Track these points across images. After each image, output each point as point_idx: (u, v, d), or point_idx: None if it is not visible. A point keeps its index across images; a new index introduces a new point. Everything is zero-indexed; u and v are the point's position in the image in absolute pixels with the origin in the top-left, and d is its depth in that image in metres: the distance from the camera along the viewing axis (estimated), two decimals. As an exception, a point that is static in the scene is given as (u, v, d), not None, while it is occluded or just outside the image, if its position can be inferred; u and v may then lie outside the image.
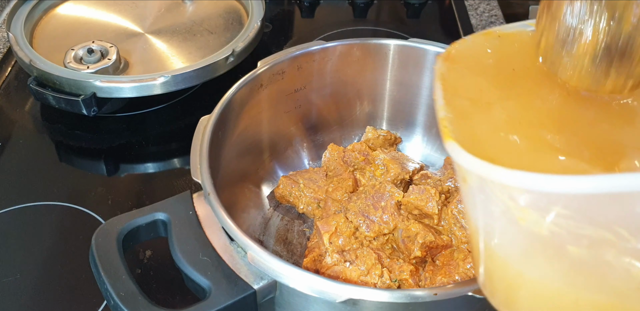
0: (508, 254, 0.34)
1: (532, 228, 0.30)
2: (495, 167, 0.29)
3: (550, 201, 0.29)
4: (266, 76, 0.62)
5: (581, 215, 0.29)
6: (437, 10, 1.06)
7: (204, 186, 0.50)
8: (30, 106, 0.83)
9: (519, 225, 0.31)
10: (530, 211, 0.30)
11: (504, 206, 0.31)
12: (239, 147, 0.62)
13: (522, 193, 0.30)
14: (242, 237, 0.46)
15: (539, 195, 0.29)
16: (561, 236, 0.30)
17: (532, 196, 0.29)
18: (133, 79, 0.74)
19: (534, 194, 0.29)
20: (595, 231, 0.29)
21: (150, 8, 0.90)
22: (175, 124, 0.81)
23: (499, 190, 0.31)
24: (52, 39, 0.84)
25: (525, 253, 0.33)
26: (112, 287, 0.45)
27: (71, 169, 0.75)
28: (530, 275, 0.34)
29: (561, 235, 0.30)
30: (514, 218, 0.31)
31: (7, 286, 0.60)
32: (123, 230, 0.50)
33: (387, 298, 0.43)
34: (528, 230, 0.31)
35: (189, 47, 0.83)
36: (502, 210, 0.31)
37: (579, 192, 0.27)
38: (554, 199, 0.29)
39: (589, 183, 0.27)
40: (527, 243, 0.32)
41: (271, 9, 1.03)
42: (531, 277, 0.34)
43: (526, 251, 0.33)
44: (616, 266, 0.31)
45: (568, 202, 0.29)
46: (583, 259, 0.31)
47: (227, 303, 0.45)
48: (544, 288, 0.34)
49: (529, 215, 0.30)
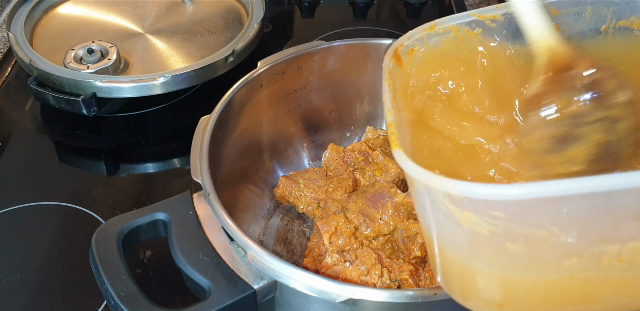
0: (457, 251, 0.37)
1: (473, 228, 0.33)
2: (437, 177, 0.32)
3: (486, 206, 0.32)
4: (266, 76, 0.62)
5: (515, 217, 0.32)
6: (437, 10, 1.06)
7: (204, 186, 0.50)
8: (30, 106, 0.83)
9: (461, 226, 0.34)
10: (470, 214, 0.33)
11: (447, 210, 0.34)
12: (239, 147, 0.62)
13: (461, 199, 0.32)
14: (242, 237, 0.46)
15: (477, 201, 0.32)
16: (499, 235, 0.33)
17: (470, 202, 0.32)
18: (133, 79, 0.74)
19: (471, 200, 0.32)
20: (529, 230, 0.33)
21: (150, 8, 0.89)
22: (175, 124, 0.81)
23: (441, 196, 0.33)
24: (52, 39, 0.84)
25: (470, 250, 0.36)
26: (112, 287, 0.45)
27: (71, 169, 0.75)
28: (478, 268, 0.37)
29: (499, 234, 0.33)
30: (457, 220, 0.34)
31: (7, 286, 0.60)
32: (123, 230, 0.50)
33: (387, 298, 0.43)
34: (470, 230, 0.34)
35: (189, 47, 0.83)
36: (446, 213, 0.34)
37: (511, 198, 0.31)
38: (489, 205, 0.32)
39: (518, 190, 0.30)
40: (471, 241, 0.35)
41: (271, 9, 1.03)
42: (478, 270, 0.37)
43: (471, 248, 0.36)
44: (550, 258, 0.34)
45: (502, 206, 0.32)
46: (520, 253, 0.34)
47: (227, 303, 0.45)
48: (491, 278, 0.37)
49: (469, 218, 0.33)
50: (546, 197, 0.31)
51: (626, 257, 0.34)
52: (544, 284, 0.36)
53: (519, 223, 0.33)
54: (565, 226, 0.33)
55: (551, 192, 0.30)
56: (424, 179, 0.33)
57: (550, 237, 0.33)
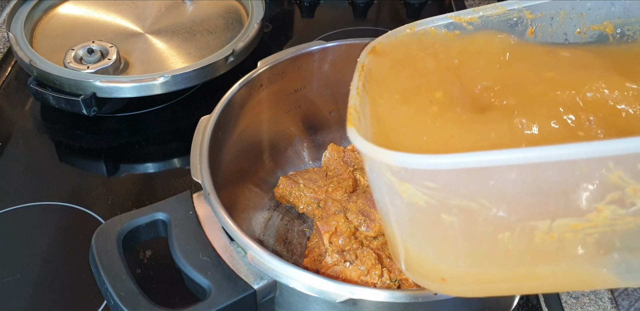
0: (399, 223, 0.39)
1: (411, 199, 0.35)
2: (377, 148, 0.34)
3: (420, 176, 0.34)
4: (266, 76, 0.62)
5: (447, 187, 0.34)
6: (437, 10, 1.06)
7: (204, 186, 0.50)
8: (30, 106, 0.83)
9: (402, 198, 0.36)
10: (408, 184, 0.35)
11: (388, 181, 0.35)
12: (239, 147, 0.62)
13: (399, 169, 0.34)
14: (242, 237, 0.46)
15: (411, 171, 0.34)
16: (435, 206, 0.35)
17: (406, 172, 0.34)
18: (133, 79, 0.74)
19: (407, 170, 0.34)
20: (461, 202, 0.34)
21: (150, 8, 0.90)
22: (175, 124, 0.81)
23: (384, 168, 0.35)
24: (52, 39, 0.84)
25: (410, 221, 0.38)
26: (112, 287, 0.45)
27: (71, 169, 0.75)
28: (419, 241, 0.39)
29: (435, 205, 0.35)
30: (397, 191, 0.35)
31: (7, 286, 0.60)
32: (123, 230, 0.50)
33: (387, 298, 0.43)
34: (409, 201, 0.35)
35: (189, 47, 0.83)
36: (388, 185, 0.36)
37: (438, 168, 0.33)
38: (422, 175, 0.34)
39: (443, 160, 0.32)
40: (410, 213, 0.37)
41: (271, 9, 1.03)
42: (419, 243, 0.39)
43: (411, 220, 0.38)
44: (483, 231, 0.36)
45: (433, 176, 0.34)
46: (455, 225, 0.36)
47: (227, 303, 0.45)
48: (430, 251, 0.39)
49: (407, 188, 0.35)
50: (471, 168, 0.32)
51: (557, 234, 0.35)
52: (481, 258, 0.38)
53: (450, 193, 0.34)
54: (495, 199, 0.34)
55: (472, 163, 0.32)
56: (368, 151, 0.35)
57: (481, 210, 0.34)
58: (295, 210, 0.65)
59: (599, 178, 0.32)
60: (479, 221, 0.35)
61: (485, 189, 0.34)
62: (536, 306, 0.60)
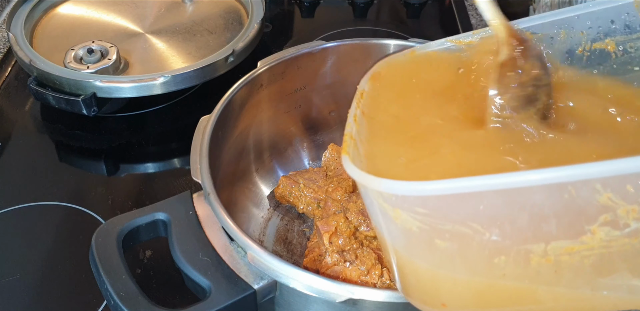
0: (397, 249, 0.39)
1: (404, 225, 0.35)
2: (367, 176, 0.35)
3: (410, 202, 0.34)
4: (266, 76, 0.62)
5: (437, 213, 0.34)
6: (437, 10, 1.06)
7: (204, 186, 0.50)
8: (30, 106, 0.83)
9: (395, 224, 0.36)
10: (399, 211, 0.35)
11: (381, 208, 0.36)
12: (239, 147, 0.62)
13: (389, 196, 0.35)
14: (242, 237, 0.46)
15: (401, 198, 0.34)
16: (428, 231, 0.35)
17: (397, 199, 0.35)
18: (133, 79, 0.74)
19: (398, 197, 0.34)
20: (454, 227, 0.35)
21: (150, 8, 0.90)
22: (175, 124, 0.81)
23: (374, 195, 0.36)
24: (52, 39, 0.84)
25: (407, 247, 0.38)
26: (112, 287, 0.45)
27: (71, 169, 0.75)
28: (417, 266, 0.39)
29: (427, 231, 0.35)
30: (390, 217, 0.36)
31: (7, 286, 0.60)
32: (123, 230, 0.50)
33: (387, 298, 0.43)
34: (402, 227, 0.36)
35: (189, 47, 0.83)
36: (382, 211, 0.36)
37: (425, 194, 0.33)
38: (412, 201, 0.34)
39: (430, 186, 0.32)
40: (406, 238, 0.37)
41: (271, 9, 1.03)
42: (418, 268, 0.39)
43: (407, 246, 0.38)
44: (479, 256, 0.36)
45: (423, 202, 0.34)
46: (450, 250, 0.36)
47: (227, 303, 0.45)
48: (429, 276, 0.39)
49: (400, 215, 0.35)
50: (458, 194, 0.33)
51: (553, 257, 0.35)
52: (479, 283, 0.37)
53: (441, 219, 0.35)
54: (486, 223, 0.34)
55: (457, 189, 0.32)
56: (359, 178, 0.35)
57: (474, 234, 0.34)
58: (295, 210, 0.65)
59: (588, 200, 0.32)
60: (474, 246, 0.35)
61: (475, 214, 0.34)
62: None
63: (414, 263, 0.39)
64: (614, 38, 0.45)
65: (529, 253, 0.35)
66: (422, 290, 0.40)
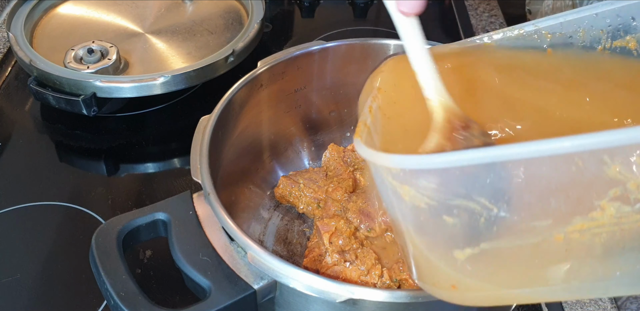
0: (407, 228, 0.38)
1: (414, 202, 0.35)
2: (376, 152, 0.35)
3: (417, 176, 0.34)
4: (266, 76, 0.62)
5: (444, 187, 0.34)
6: (437, 10, 1.06)
7: (204, 186, 0.50)
8: (30, 106, 0.83)
9: (405, 201, 0.36)
10: (407, 187, 0.35)
11: (391, 186, 0.36)
12: (239, 147, 0.62)
13: (397, 172, 0.34)
14: (242, 237, 0.46)
15: (408, 172, 0.34)
16: (435, 207, 0.35)
17: (404, 174, 0.34)
18: (133, 79, 0.74)
19: (405, 172, 0.34)
20: (461, 202, 0.34)
21: (150, 8, 0.90)
22: (175, 124, 0.81)
23: (385, 173, 0.36)
24: (52, 39, 0.84)
25: (416, 226, 0.38)
26: (112, 287, 0.45)
27: (71, 169, 0.75)
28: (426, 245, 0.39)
29: (435, 207, 0.35)
30: (400, 195, 0.35)
31: (7, 286, 0.60)
32: (123, 230, 0.50)
33: (387, 298, 0.43)
34: (412, 205, 0.36)
35: (189, 47, 0.83)
36: (391, 189, 0.36)
37: (432, 167, 0.33)
38: (419, 175, 0.34)
39: (437, 159, 0.32)
40: (415, 216, 0.37)
41: (271, 9, 1.03)
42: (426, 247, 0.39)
43: (417, 224, 0.38)
44: (487, 234, 0.35)
45: (430, 176, 0.34)
46: (458, 227, 0.35)
47: (227, 303, 0.45)
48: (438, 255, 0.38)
49: (408, 191, 0.35)
50: (464, 166, 0.32)
51: (562, 235, 0.34)
52: (488, 262, 0.37)
53: (448, 194, 0.34)
54: (493, 198, 0.34)
55: (461, 161, 0.31)
56: (369, 156, 0.35)
57: (482, 210, 0.34)
58: (295, 210, 0.65)
59: (596, 173, 0.31)
60: (482, 223, 0.35)
61: (482, 188, 0.34)
62: (536, 306, 0.60)
63: (423, 242, 0.39)
64: (635, 35, 0.45)
65: (538, 230, 0.34)
66: (433, 271, 0.40)
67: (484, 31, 0.99)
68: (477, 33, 0.99)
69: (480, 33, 0.98)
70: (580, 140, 0.29)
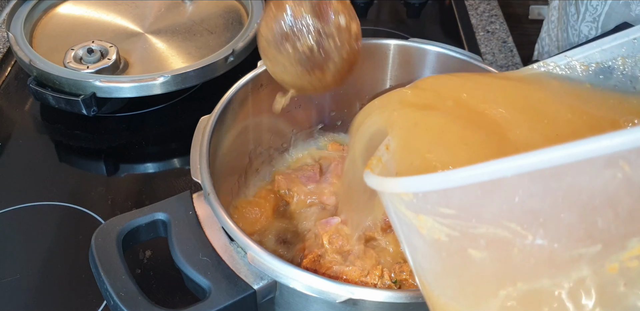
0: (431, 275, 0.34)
1: (432, 235, 0.31)
2: (384, 178, 0.31)
3: (433, 201, 0.30)
4: (266, 75, 0.61)
5: (466, 212, 0.29)
6: (437, 10, 1.06)
7: (203, 186, 0.50)
8: (30, 106, 0.83)
9: (422, 235, 0.31)
10: (424, 217, 0.30)
11: (405, 218, 0.31)
12: (239, 147, 0.62)
13: (410, 199, 0.30)
14: (242, 237, 0.46)
15: (423, 198, 0.30)
16: (459, 239, 0.30)
17: (418, 201, 0.30)
18: (133, 79, 0.74)
19: (419, 198, 0.30)
20: (488, 229, 0.29)
21: (150, 8, 0.89)
22: (175, 124, 0.81)
23: (397, 203, 0.31)
24: (51, 38, 0.84)
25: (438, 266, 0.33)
26: (112, 287, 0.45)
27: (71, 169, 0.75)
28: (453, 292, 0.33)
29: (458, 238, 0.30)
30: (416, 228, 0.31)
31: (7, 286, 0.60)
32: (123, 230, 0.50)
33: (387, 298, 0.43)
34: (430, 239, 0.31)
35: (189, 47, 0.83)
36: (408, 225, 0.32)
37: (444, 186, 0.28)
38: (435, 200, 0.29)
39: (452, 175, 0.27)
40: (435, 253, 0.32)
41: (271, 9, 1.03)
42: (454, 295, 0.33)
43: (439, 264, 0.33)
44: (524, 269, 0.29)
45: (447, 199, 0.29)
46: (487, 262, 0.30)
47: (226, 303, 0.45)
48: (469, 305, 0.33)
49: (424, 222, 0.30)
50: (486, 182, 0.27)
51: (617, 264, 0.28)
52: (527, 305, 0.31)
53: (471, 219, 0.29)
54: (526, 221, 0.28)
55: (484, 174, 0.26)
56: (377, 184, 0.31)
57: (514, 238, 0.28)
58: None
59: None
60: (515, 255, 0.29)
61: (511, 210, 0.28)
62: None
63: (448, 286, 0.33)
64: None
65: (584, 260, 0.28)
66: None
67: (484, 31, 0.99)
68: (477, 33, 0.99)
69: (480, 32, 0.98)
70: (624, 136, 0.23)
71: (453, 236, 0.30)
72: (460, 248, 0.30)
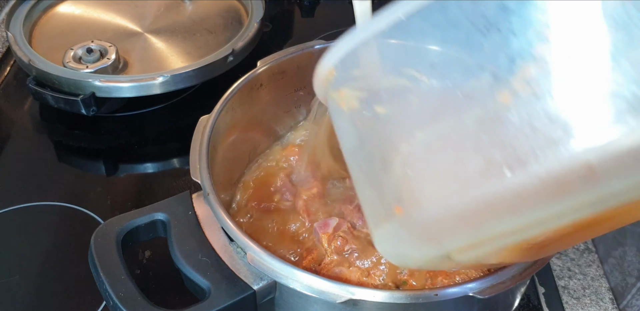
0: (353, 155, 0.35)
1: (349, 105, 0.32)
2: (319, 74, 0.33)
3: (346, 67, 0.32)
4: (266, 75, 0.62)
5: (372, 68, 0.31)
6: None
7: (203, 186, 0.50)
8: (29, 106, 0.83)
9: (344, 113, 0.33)
10: (343, 89, 0.32)
11: (334, 104, 0.33)
12: (239, 147, 0.62)
13: (334, 76, 0.33)
14: (242, 237, 0.46)
15: (340, 68, 0.32)
16: (367, 101, 0.31)
17: (338, 73, 0.33)
18: (132, 79, 0.74)
19: (338, 68, 0.32)
20: (388, 81, 0.30)
21: (149, 7, 0.89)
22: (175, 124, 0.81)
23: (331, 93, 0.34)
24: (51, 38, 0.83)
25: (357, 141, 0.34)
26: (111, 287, 0.45)
27: (70, 169, 0.74)
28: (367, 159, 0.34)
29: (367, 100, 0.31)
30: (341, 109, 0.33)
31: (7, 286, 0.60)
32: (122, 230, 0.49)
33: (387, 299, 0.43)
34: (348, 110, 0.33)
35: (189, 47, 0.83)
36: (336, 110, 0.34)
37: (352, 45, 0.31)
38: (347, 64, 0.32)
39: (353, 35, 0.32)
40: (353, 127, 0.33)
41: (271, 9, 1.02)
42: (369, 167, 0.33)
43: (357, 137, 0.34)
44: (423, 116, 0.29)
45: (356, 61, 0.31)
46: (391, 116, 0.30)
47: (226, 303, 0.45)
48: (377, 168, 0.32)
49: (344, 95, 0.32)
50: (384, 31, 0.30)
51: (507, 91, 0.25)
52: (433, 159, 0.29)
53: (377, 76, 0.31)
54: (420, 64, 0.29)
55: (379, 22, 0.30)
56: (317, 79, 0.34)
57: (412, 84, 0.28)
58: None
59: None
60: (415, 104, 0.29)
61: (407, 57, 0.29)
62: (537, 306, 0.59)
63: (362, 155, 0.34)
64: None
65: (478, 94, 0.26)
66: (373, 198, 0.33)
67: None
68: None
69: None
70: None
71: (362, 98, 0.32)
72: (369, 110, 0.31)
